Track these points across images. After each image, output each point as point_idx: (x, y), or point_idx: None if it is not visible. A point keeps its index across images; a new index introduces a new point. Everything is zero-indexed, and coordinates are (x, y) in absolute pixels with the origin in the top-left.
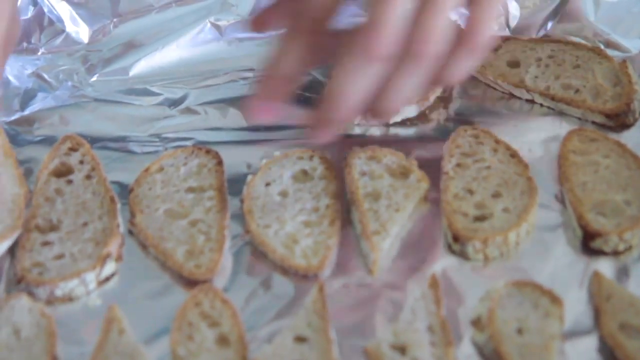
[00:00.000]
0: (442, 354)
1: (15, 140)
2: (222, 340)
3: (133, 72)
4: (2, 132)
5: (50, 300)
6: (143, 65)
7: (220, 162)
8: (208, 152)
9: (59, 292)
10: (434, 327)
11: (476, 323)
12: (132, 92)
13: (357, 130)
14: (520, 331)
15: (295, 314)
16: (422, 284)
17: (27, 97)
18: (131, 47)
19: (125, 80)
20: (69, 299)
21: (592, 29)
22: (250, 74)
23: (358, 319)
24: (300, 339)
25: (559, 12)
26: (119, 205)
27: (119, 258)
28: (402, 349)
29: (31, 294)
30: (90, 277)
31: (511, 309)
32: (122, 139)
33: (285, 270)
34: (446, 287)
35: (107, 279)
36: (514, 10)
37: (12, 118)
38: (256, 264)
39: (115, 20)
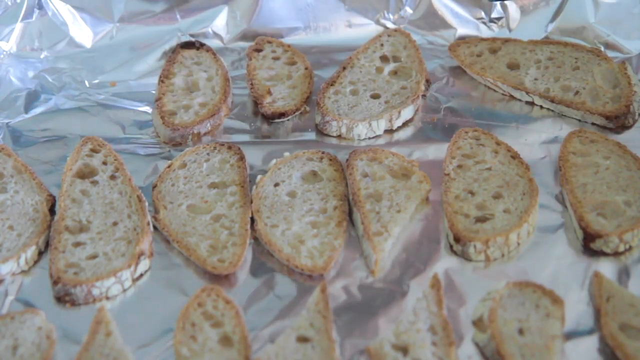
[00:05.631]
0: (443, 354)
1: (18, 141)
2: (225, 340)
3: (135, 76)
4: (12, 153)
5: (87, 301)
6: (145, 69)
7: (242, 158)
8: (230, 147)
9: (96, 292)
10: (435, 328)
11: (477, 323)
12: (134, 95)
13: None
14: (521, 331)
15: (298, 314)
16: (423, 284)
17: (31, 99)
18: (133, 51)
19: (127, 83)
20: (105, 297)
21: (592, 31)
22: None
23: (360, 319)
24: (303, 339)
25: (559, 14)
26: (146, 204)
27: (150, 255)
28: (404, 349)
29: (68, 294)
30: (126, 275)
31: (512, 309)
32: (125, 141)
33: (289, 271)
34: (448, 287)
35: (141, 275)
36: (514, 12)
37: (16, 120)
38: (260, 264)
39: (117, 25)
